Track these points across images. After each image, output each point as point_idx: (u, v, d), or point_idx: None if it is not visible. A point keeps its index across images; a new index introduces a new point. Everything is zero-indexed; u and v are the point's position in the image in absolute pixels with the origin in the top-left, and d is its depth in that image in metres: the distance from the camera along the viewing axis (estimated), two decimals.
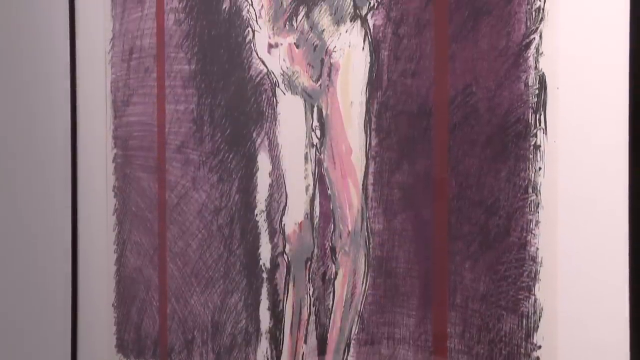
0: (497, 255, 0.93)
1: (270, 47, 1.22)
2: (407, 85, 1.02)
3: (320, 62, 1.14)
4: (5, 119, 1.74)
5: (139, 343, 1.53)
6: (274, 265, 1.23)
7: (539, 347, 0.89)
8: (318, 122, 1.15)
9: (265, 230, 1.25)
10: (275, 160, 1.22)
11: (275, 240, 1.23)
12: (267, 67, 1.23)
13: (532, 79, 0.89)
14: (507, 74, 0.91)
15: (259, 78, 1.24)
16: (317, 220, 1.16)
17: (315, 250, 1.16)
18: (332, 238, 1.13)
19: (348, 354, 1.11)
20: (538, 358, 0.89)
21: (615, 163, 0.82)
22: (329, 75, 1.13)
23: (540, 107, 0.88)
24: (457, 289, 0.97)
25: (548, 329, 0.88)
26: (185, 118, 1.38)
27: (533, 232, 0.89)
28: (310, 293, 1.17)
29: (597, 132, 0.83)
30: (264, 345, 1.25)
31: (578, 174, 0.85)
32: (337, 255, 1.13)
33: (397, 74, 1.03)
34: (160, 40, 1.43)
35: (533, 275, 0.89)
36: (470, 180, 0.96)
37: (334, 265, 1.13)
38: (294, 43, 1.18)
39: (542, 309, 0.89)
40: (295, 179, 1.19)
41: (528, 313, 0.90)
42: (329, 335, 1.14)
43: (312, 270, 1.17)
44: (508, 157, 0.91)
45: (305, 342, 1.18)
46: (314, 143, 1.15)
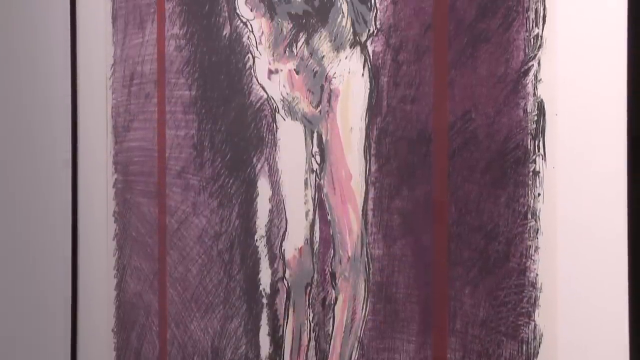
0: (496, 281, 0.93)
1: (271, 73, 1.22)
2: (406, 111, 1.03)
3: (320, 88, 1.14)
4: (6, 145, 1.75)
5: None
6: (274, 291, 1.23)
7: None
8: (318, 147, 1.15)
9: (265, 256, 1.25)
10: (275, 186, 1.22)
11: (275, 266, 1.23)
12: (267, 93, 1.23)
13: (530, 106, 0.89)
14: (506, 101, 0.92)
15: (259, 104, 1.24)
16: (317, 246, 1.16)
17: (315, 276, 1.16)
18: (332, 263, 1.14)
19: None
20: None
21: (614, 189, 0.82)
22: (329, 101, 1.13)
23: (539, 133, 0.89)
24: (457, 315, 0.97)
25: (548, 355, 0.88)
26: (186, 143, 1.39)
27: (532, 258, 0.89)
28: (310, 318, 1.17)
29: (595, 158, 0.84)
30: None
31: (577, 200, 0.85)
32: (337, 281, 1.13)
33: (396, 100, 1.04)
34: (161, 66, 1.44)
35: (533, 301, 0.89)
36: (470, 206, 0.96)
37: (334, 291, 1.13)
38: (294, 69, 1.19)
39: (542, 335, 0.89)
40: (295, 205, 1.19)
41: (528, 339, 0.90)
42: None
43: (312, 296, 1.17)
44: (507, 183, 0.92)
45: None
46: (314, 169, 1.16)
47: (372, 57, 1.07)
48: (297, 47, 1.18)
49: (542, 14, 0.88)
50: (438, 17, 0.99)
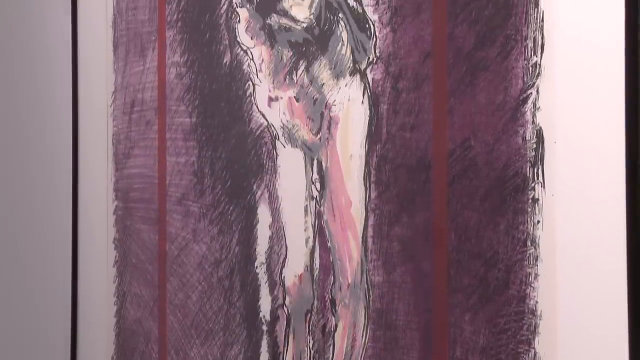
0: (496, 308, 0.93)
1: (271, 100, 1.23)
2: (406, 139, 1.03)
3: (320, 115, 1.15)
4: (7, 172, 1.75)
5: None
6: (274, 318, 1.23)
7: None
8: (318, 174, 1.16)
9: (265, 283, 1.25)
10: (275, 213, 1.23)
11: (275, 293, 1.23)
12: (267, 120, 1.24)
13: (529, 133, 0.90)
14: (505, 128, 0.92)
15: (259, 131, 1.25)
16: (317, 273, 1.16)
17: (315, 303, 1.16)
18: (332, 290, 1.14)
19: None
20: None
21: (613, 216, 0.82)
22: (329, 129, 1.14)
23: (538, 161, 0.89)
24: (457, 342, 0.97)
25: None
26: (186, 170, 1.39)
27: (532, 285, 0.89)
28: (310, 345, 1.17)
29: (594, 185, 0.84)
30: None
31: (576, 228, 0.85)
32: (337, 308, 1.13)
33: (396, 128, 1.05)
34: (162, 94, 1.45)
35: (533, 329, 0.89)
36: (470, 233, 0.96)
37: (334, 318, 1.13)
38: (294, 96, 1.19)
39: None
40: (295, 232, 1.19)
41: None
42: None
43: (312, 323, 1.17)
44: (507, 210, 0.92)
45: None
46: (314, 196, 1.16)
47: (371, 84, 1.08)
48: (297, 74, 1.18)
49: (540, 43, 0.89)
50: (437, 45, 0.99)
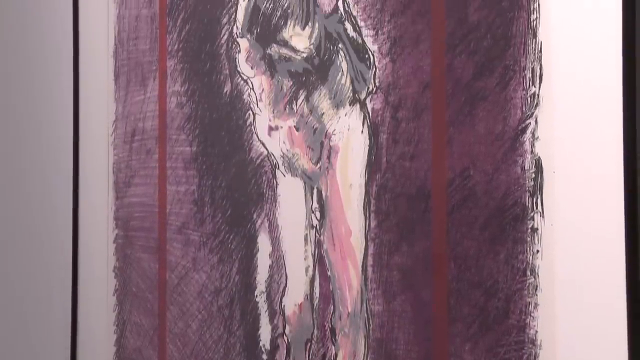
0: (496, 338, 0.93)
1: (271, 129, 1.24)
2: (405, 168, 1.04)
3: (320, 144, 1.16)
4: (8, 201, 1.75)
5: None
6: (274, 347, 1.23)
7: None
8: (318, 203, 1.16)
9: (265, 312, 1.25)
10: (276, 242, 1.23)
11: (275, 322, 1.23)
12: (267, 149, 1.24)
13: (528, 163, 0.90)
14: (504, 158, 0.93)
15: (260, 160, 1.26)
16: (317, 302, 1.16)
17: (315, 332, 1.16)
18: (332, 319, 1.14)
19: None
20: None
21: (612, 246, 0.82)
22: (329, 158, 1.14)
23: (537, 190, 0.90)
24: None
25: None
26: (186, 199, 1.39)
27: (532, 314, 0.89)
28: None
29: (593, 215, 0.84)
30: None
31: (575, 257, 0.86)
32: (336, 337, 1.13)
33: (395, 157, 1.05)
34: (162, 123, 1.45)
35: (532, 358, 0.89)
36: (469, 262, 0.96)
37: (334, 347, 1.13)
38: (294, 126, 1.20)
39: None
40: (295, 260, 1.19)
41: None
42: None
43: (312, 352, 1.17)
44: (506, 239, 0.92)
45: None
46: (314, 224, 1.16)
47: (371, 114, 1.08)
48: (297, 104, 1.19)
49: (538, 73, 0.90)
50: (436, 75, 1.00)
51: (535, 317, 0.89)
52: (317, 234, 1.16)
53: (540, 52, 0.90)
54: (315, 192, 1.16)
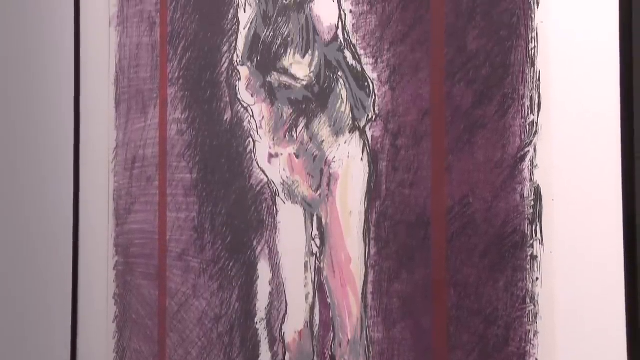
0: None
1: (271, 157, 1.24)
2: (405, 196, 1.04)
3: (320, 172, 1.16)
4: (7, 228, 1.75)
5: None
6: None
7: None
8: (318, 231, 1.16)
9: (265, 339, 1.25)
10: (276, 269, 1.23)
11: (275, 349, 1.23)
12: (267, 176, 1.25)
13: (527, 191, 0.91)
14: (503, 186, 0.93)
15: (260, 187, 1.26)
16: (317, 329, 1.16)
17: (315, 359, 1.16)
18: (332, 347, 1.14)
19: None
20: None
21: (611, 273, 0.83)
22: (329, 185, 1.15)
23: (536, 218, 0.90)
24: None
25: None
26: (187, 226, 1.40)
27: (532, 342, 0.89)
28: None
29: (592, 243, 0.85)
30: None
31: (575, 285, 0.86)
32: None
33: (395, 184, 1.05)
34: (163, 150, 1.46)
35: None
36: (469, 290, 0.96)
37: None
38: (294, 153, 1.20)
39: None
40: (295, 287, 1.19)
41: None
42: None
43: None
44: (506, 267, 0.92)
45: None
46: (314, 252, 1.17)
47: (371, 142, 1.09)
48: (297, 131, 1.20)
49: (537, 102, 0.90)
50: (435, 103, 1.01)
51: (535, 344, 0.89)
52: (317, 261, 1.16)
53: (539, 80, 0.90)
54: (315, 219, 1.17)
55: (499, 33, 0.94)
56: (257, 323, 1.26)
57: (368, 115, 1.09)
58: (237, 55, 1.30)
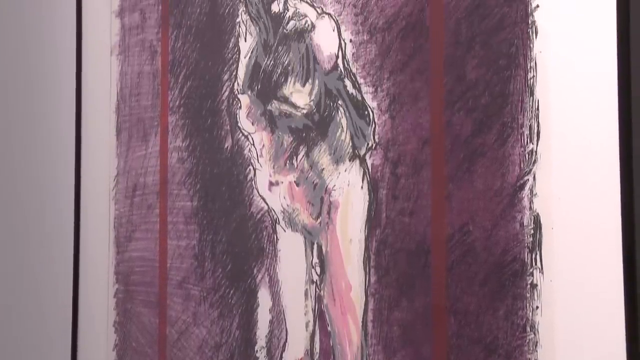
0: None
1: (271, 185, 1.25)
2: (405, 224, 1.04)
3: (320, 200, 1.16)
4: (8, 260, 1.75)
5: None
6: None
7: None
8: (318, 258, 1.16)
9: None
10: (276, 297, 1.23)
11: None
12: (267, 204, 1.25)
13: (527, 219, 0.91)
14: (502, 214, 0.93)
15: (260, 215, 1.26)
16: (317, 357, 1.16)
17: None
18: None
19: None
20: None
21: (611, 302, 0.83)
22: (329, 213, 1.15)
23: (536, 246, 0.90)
24: None
25: None
26: (187, 254, 1.40)
27: None
28: None
29: (592, 271, 0.85)
30: None
31: (575, 314, 0.86)
32: None
33: (395, 213, 1.06)
34: (164, 178, 1.46)
35: None
36: (469, 318, 0.96)
37: None
38: (294, 181, 1.21)
39: None
40: (296, 315, 1.19)
41: None
42: None
43: None
44: (506, 295, 0.93)
45: None
46: (314, 279, 1.17)
47: (371, 170, 1.09)
48: (297, 159, 1.20)
49: (536, 130, 0.91)
50: (435, 132, 1.01)
51: None
52: (317, 289, 1.16)
53: (538, 109, 0.91)
54: (316, 247, 1.17)
55: (498, 62, 0.95)
56: (257, 351, 1.26)
57: (368, 144, 1.10)
58: (237, 84, 1.31)
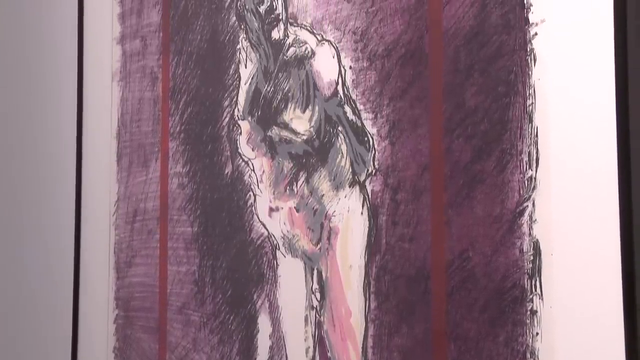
0: None
1: (271, 210, 1.25)
2: (405, 250, 1.05)
3: (320, 226, 1.16)
4: (8, 287, 1.75)
5: None
6: None
7: None
8: (318, 284, 1.16)
9: None
10: (276, 322, 1.23)
11: None
12: (267, 230, 1.25)
13: (526, 245, 0.91)
14: (502, 240, 0.94)
15: (260, 241, 1.26)
16: None
17: None
18: None
19: None
20: None
21: (611, 330, 0.83)
22: (329, 239, 1.15)
23: (536, 272, 0.90)
24: None
25: None
26: (187, 279, 1.40)
27: None
28: None
29: (592, 298, 0.85)
30: None
31: (575, 340, 0.86)
32: None
33: (395, 239, 1.06)
34: (164, 203, 1.46)
35: None
36: (469, 344, 0.96)
37: None
38: (294, 207, 1.21)
39: None
40: (296, 341, 1.19)
41: None
42: None
43: None
44: (506, 321, 0.93)
45: None
46: (314, 305, 1.17)
47: (370, 196, 1.09)
48: (297, 185, 1.20)
49: (535, 157, 0.91)
50: (435, 158, 1.02)
51: None
52: (317, 315, 1.16)
53: (537, 136, 0.91)
54: (316, 273, 1.17)
55: (497, 89, 0.95)
56: None
57: (368, 170, 1.10)
58: (238, 110, 1.32)
